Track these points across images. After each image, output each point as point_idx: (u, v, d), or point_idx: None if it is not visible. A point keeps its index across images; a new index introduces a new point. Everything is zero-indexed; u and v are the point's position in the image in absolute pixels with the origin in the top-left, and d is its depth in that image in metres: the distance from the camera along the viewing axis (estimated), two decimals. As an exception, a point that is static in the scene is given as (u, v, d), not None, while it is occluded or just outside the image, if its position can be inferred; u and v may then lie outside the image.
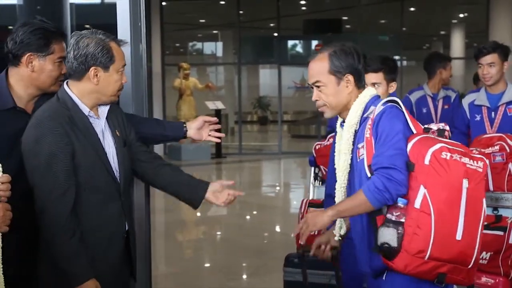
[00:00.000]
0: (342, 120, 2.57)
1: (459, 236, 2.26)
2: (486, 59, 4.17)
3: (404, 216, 2.27)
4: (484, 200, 2.36)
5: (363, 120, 2.44)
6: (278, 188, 11.15)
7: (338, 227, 2.66)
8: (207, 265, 6.15)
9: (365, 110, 2.46)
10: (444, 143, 2.30)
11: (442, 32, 19.34)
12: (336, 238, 2.68)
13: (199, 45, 22.61)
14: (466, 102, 4.43)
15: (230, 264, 5.88)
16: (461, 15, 17.93)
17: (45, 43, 2.50)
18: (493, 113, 4.26)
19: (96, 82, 2.45)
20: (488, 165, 2.36)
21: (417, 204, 2.25)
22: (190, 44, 22.11)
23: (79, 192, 2.40)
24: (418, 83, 5.62)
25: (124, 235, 2.59)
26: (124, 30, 3.00)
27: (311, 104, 2.31)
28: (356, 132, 2.47)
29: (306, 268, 3.57)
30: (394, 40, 16.63)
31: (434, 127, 2.49)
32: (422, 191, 2.25)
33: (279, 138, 15.18)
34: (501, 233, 3.57)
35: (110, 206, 2.51)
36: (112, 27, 2.98)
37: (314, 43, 18.41)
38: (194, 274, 5.64)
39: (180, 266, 5.97)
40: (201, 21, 19.83)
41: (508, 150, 3.80)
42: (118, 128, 2.60)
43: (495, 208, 3.77)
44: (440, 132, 2.46)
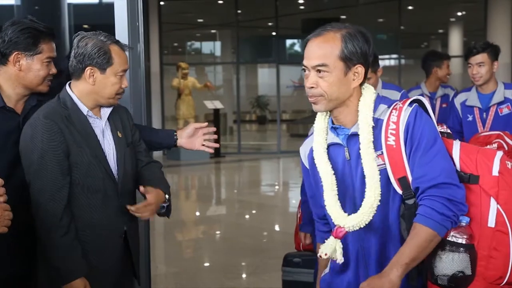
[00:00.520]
0: (329, 119, 2.11)
1: None
2: (476, 59, 4.16)
3: (473, 237, 1.91)
4: None
5: (375, 122, 2.02)
6: (277, 187, 11.15)
7: (333, 250, 2.01)
8: (206, 264, 6.15)
9: (374, 109, 2.05)
10: (498, 150, 2.04)
11: (440, 31, 19.34)
12: (338, 260, 2.02)
13: (197, 44, 22.60)
14: (458, 101, 4.43)
15: (229, 263, 5.88)
16: (459, 13, 17.94)
17: (33, 42, 2.50)
18: (484, 113, 4.24)
19: (92, 82, 2.45)
20: None
21: (491, 223, 1.90)
22: (189, 43, 22.11)
23: (74, 191, 2.41)
24: (417, 82, 5.63)
25: (122, 235, 2.58)
26: (122, 30, 3.01)
27: (310, 104, 2.09)
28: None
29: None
30: (393, 39, 16.63)
31: (441, 129, 2.18)
32: (494, 206, 1.91)
33: (277, 137, 15.18)
34: None
35: (106, 206, 2.51)
36: (110, 27, 2.98)
37: (313, 42, 18.42)
38: (194, 273, 5.64)
39: (180, 265, 5.97)
40: (199, 20, 19.81)
41: (507, 148, 3.80)
42: (121, 128, 2.61)
43: None
44: (448, 136, 2.15)
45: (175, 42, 21.12)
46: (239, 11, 15.87)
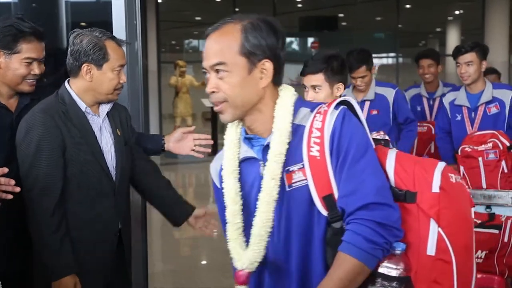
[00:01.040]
0: (242, 128, 1.75)
1: (473, 286, 1.65)
2: (464, 58, 4.15)
3: (410, 268, 1.57)
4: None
5: (295, 129, 1.65)
6: (274, 185, 11.13)
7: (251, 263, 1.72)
8: (203, 262, 6.15)
9: (294, 114, 1.68)
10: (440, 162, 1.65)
11: (438, 29, 19.34)
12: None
13: (195, 42, 22.54)
14: (446, 101, 4.43)
15: (227, 261, 5.83)
16: (457, 12, 17.94)
17: (12, 41, 2.48)
18: (473, 113, 4.25)
19: (89, 79, 2.44)
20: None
21: (430, 250, 1.57)
22: (186, 41, 22.06)
23: (69, 187, 2.40)
24: (415, 81, 5.62)
25: (117, 233, 2.57)
26: (119, 28, 3.00)
27: None
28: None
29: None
30: (390, 38, 16.62)
31: (377, 136, 1.75)
32: (435, 230, 1.57)
33: (275, 136, 15.16)
34: (496, 231, 3.53)
35: (102, 203, 2.50)
36: (108, 25, 2.98)
37: (310, 40, 18.39)
38: (191, 271, 5.64)
39: (177, 263, 5.97)
40: (197, 18, 19.78)
41: (502, 148, 3.81)
42: (120, 127, 2.60)
43: (488, 206, 3.73)
44: (386, 144, 1.75)
45: (173, 40, 21.09)
46: (237, 9, 15.86)
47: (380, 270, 1.54)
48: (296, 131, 1.65)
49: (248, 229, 1.70)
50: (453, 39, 17.61)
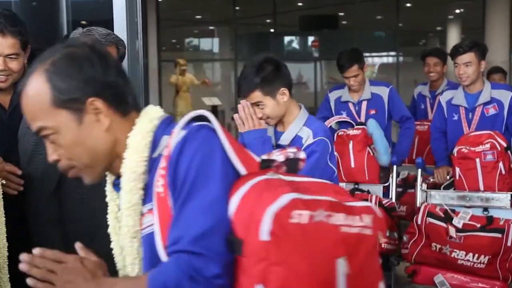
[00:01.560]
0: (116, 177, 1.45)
1: None
2: (463, 59, 4.02)
3: None
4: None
5: (152, 164, 1.36)
6: (274, 184, 11.14)
7: None
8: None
9: (153, 147, 1.38)
10: (297, 191, 1.18)
11: (439, 28, 19.32)
12: None
13: (195, 41, 22.52)
14: (443, 99, 4.30)
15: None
16: (457, 11, 17.92)
17: None
18: (470, 113, 4.12)
19: None
20: (379, 217, 1.26)
21: None
22: (187, 40, 22.03)
23: (69, 184, 2.38)
24: (415, 80, 5.63)
25: None
26: (120, 26, 3.00)
27: (308, 101, 2.14)
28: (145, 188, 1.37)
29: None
30: (391, 36, 16.62)
31: (280, 156, 1.33)
32: None
33: (275, 134, 15.16)
34: (498, 235, 3.47)
35: (96, 200, 2.50)
36: (109, 23, 2.98)
37: (311, 39, 18.39)
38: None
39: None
40: (197, 17, 19.77)
41: (499, 149, 3.73)
42: None
43: (485, 209, 3.69)
44: (292, 164, 1.34)
45: (173, 39, 21.07)
46: (237, 8, 15.85)
47: None
48: (154, 165, 1.35)
49: None
50: (453, 38, 17.58)
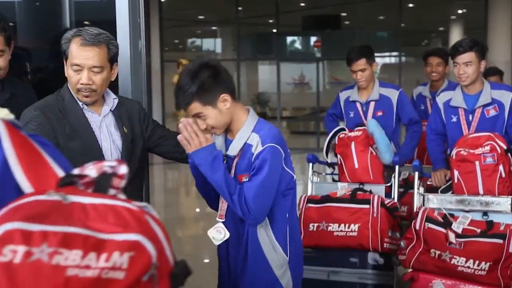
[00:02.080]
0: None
1: None
2: (463, 58, 3.85)
3: None
4: None
5: None
6: (277, 184, 11.13)
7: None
8: (206, 261, 6.15)
9: None
10: (32, 219, 0.91)
11: (441, 28, 19.32)
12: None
13: (198, 41, 22.55)
14: (440, 100, 4.11)
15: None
16: (459, 11, 17.91)
17: None
18: (470, 115, 3.94)
19: (66, 74, 2.45)
20: (148, 255, 0.94)
21: None
22: (189, 40, 22.06)
23: None
24: (417, 79, 5.62)
25: None
26: (123, 26, 3.00)
27: (310, 101, 2.06)
28: None
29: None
30: (393, 37, 16.61)
31: (92, 171, 1.06)
32: None
33: (278, 134, 15.15)
34: (500, 241, 3.34)
35: None
36: (112, 24, 2.97)
37: (313, 39, 18.41)
38: (194, 269, 5.63)
39: (180, 262, 5.96)
40: (200, 17, 19.79)
41: (500, 151, 3.61)
42: (127, 123, 2.58)
43: (485, 213, 3.57)
44: (103, 182, 1.07)
45: (176, 39, 21.09)
46: (239, 8, 15.85)
47: None
48: None
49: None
50: (455, 38, 17.56)
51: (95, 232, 0.95)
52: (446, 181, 3.96)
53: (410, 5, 16.25)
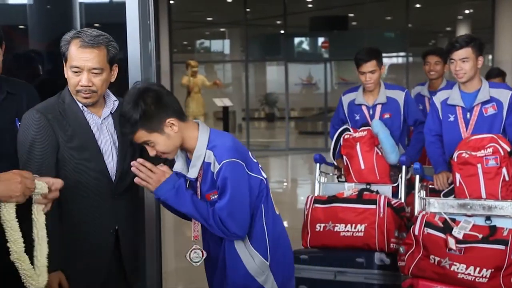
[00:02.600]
0: None
1: None
2: (459, 54, 3.72)
3: None
4: None
5: None
6: (285, 183, 11.14)
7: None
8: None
9: None
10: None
11: (448, 28, 19.24)
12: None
13: (206, 43, 22.57)
14: (438, 100, 3.96)
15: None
16: (466, 11, 17.84)
17: None
18: (468, 113, 3.79)
19: (66, 75, 2.45)
20: None
21: None
22: (198, 42, 22.08)
23: (64, 186, 2.30)
24: (425, 79, 5.58)
25: (114, 233, 2.53)
26: (133, 28, 3.01)
27: (318, 101, 2.02)
28: None
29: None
30: (400, 37, 16.56)
31: None
32: None
33: (286, 135, 15.16)
34: (502, 247, 3.18)
35: (97, 203, 2.47)
36: (122, 26, 2.99)
37: (321, 40, 18.38)
38: (203, 269, 5.64)
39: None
40: (208, 19, 19.81)
41: (503, 153, 3.50)
42: None
43: (488, 218, 3.42)
44: None
45: (185, 41, 21.12)
46: (248, 10, 15.84)
47: None
48: None
49: None
50: (462, 38, 17.50)
51: None
52: (449, 184, 3.82)
53: (417, 5, 16.19)
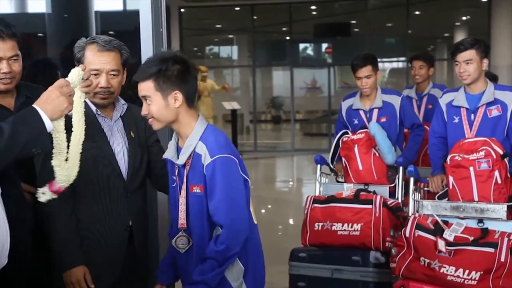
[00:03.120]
0: None
1: None
2: (463, 56, 3.63)
3: None
4: None
5: None
6: (291, 183, 11.14)
7: None
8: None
9: None
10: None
11: (446, 34, 19.18)
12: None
13: (215, 49, 22.59)
14: (443, 102, 3.85)
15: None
16: (464, 18, 17.79)
17: None
18: (472, 115, 3.68)
19: None
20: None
21: None
22: (207, 48, 22.10)
23: (79, 183, 2.31)
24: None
25: (128, 229, 2.53)
26: (146, 35, 3.03)
27: (322, 104, 1.99)
28: None
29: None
30: (400, 42, 16.53)
31: None
32: None
33: (292, 136, 15.15)
34: (491, 250, 3.08)
35: (112, 200, 2.49)
36: (135, 33, 3.01)
37: (324, 46, 18.38)
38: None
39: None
40: (217, 26, 19.82)
41: (495, 156, 3.41)
42: (134, 129, 2.59)
43: (480, 221, 3.34)
44: None
45: (195, 47, 21.14)
46: (255, 17, 15.86)
47: None
48: None
49: None
50: (460, 43, 17.44)
51: None
52: (443, 187, 3.74)
53: (417, 12, 16.16)
